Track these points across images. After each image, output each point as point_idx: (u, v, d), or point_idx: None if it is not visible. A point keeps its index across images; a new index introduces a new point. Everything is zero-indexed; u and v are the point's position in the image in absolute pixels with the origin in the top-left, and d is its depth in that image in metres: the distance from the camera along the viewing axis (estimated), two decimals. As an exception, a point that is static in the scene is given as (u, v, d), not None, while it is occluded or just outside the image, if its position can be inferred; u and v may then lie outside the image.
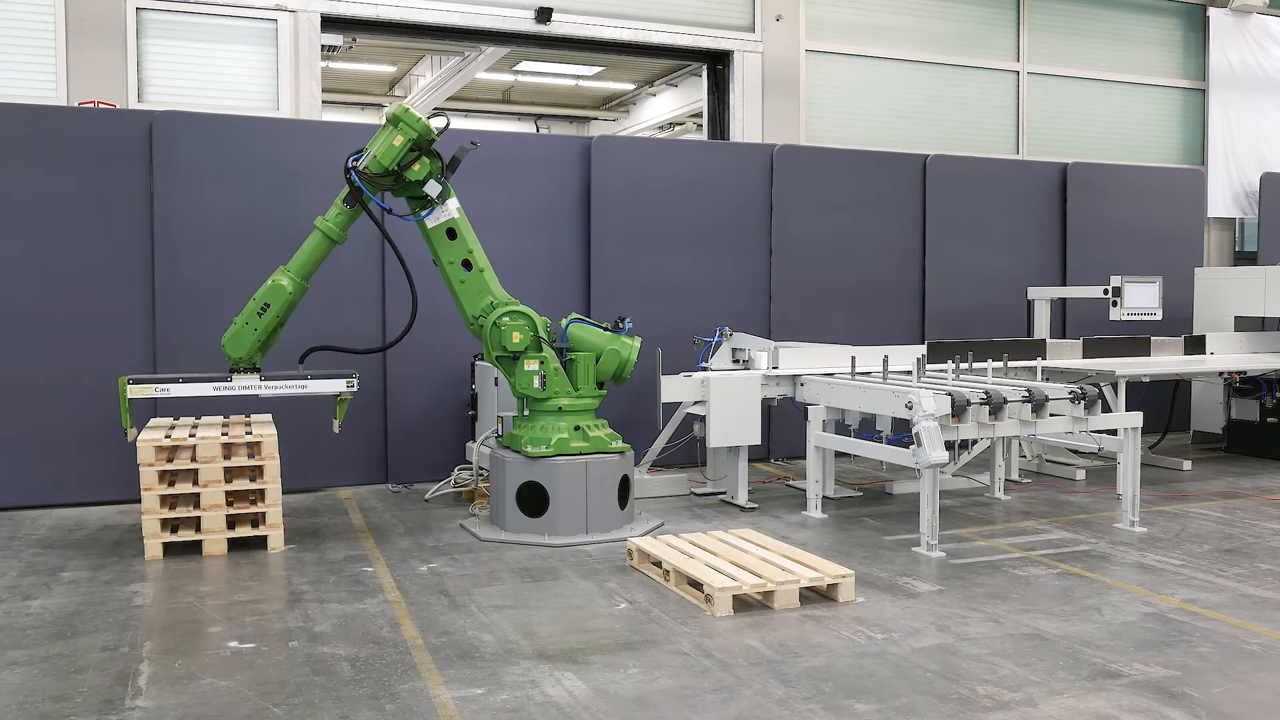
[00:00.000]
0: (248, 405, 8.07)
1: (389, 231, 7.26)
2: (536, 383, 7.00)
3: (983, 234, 11.04)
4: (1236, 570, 6.16)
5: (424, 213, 6.96)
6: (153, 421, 7.26)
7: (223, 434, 6.76)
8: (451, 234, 7.01)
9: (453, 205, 6.99)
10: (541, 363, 7.01)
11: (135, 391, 6.68)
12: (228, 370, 6.88)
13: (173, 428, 7.01)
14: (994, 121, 12.54)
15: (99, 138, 8.09)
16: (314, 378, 7.00)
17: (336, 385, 7.01)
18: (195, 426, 7.07)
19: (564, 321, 7.28)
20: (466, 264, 7.06)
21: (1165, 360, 9.68)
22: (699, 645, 4.88)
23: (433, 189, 6.82)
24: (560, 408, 7.02)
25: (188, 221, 8.31)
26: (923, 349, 8.68)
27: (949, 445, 6.85)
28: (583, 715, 4.11)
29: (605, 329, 7.27)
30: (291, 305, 6.84)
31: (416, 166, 6.76)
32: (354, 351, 7.53)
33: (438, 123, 6.84)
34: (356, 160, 6.76)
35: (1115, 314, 9.81)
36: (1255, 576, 6.03)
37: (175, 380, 6.80)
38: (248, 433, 6.81)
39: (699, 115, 13.04)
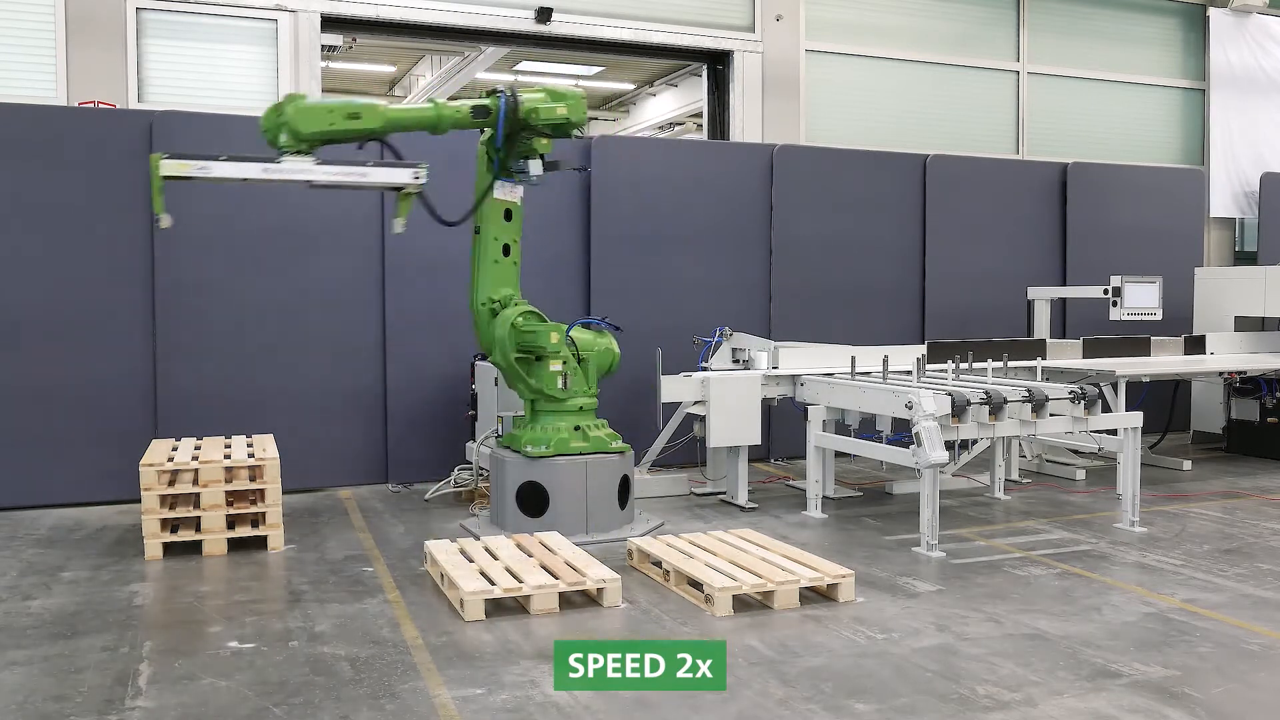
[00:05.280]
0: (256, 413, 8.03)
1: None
2: (560, 382, 7.03)
3: (983, 234, 11.03)
4: (1236, 570, 6.16)
5: (505, 179, 6.98)
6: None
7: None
8: (508, 215, 7.10)
9: (521, 191, 7.10)
10: (564, 362, 7.05)
11: (170, 168, 5.68)
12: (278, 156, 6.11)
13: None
14: (994, 121, 12.53)
15: (99, 138, 8.09)
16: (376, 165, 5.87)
17: (401, 175, 6.05)
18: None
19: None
20: (506, 249, 7.13)
21: (1165, 360, 9.68)
22: (699, 645, 4.88)
23: (535, 168, 6.88)
24: (581, 406, 7.10)
25: (187, 221, 8.27)
26: (923, 349, 8.67)
27: (949, 445, 6.84)
28: (583, 715, 4.11)
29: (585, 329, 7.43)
30: (371, 135, 6.45)
31: (546, 141, 6.87)
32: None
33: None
34: (509, 98, 6.68)
35: (1115, 314, 9.79)
36: (1255, 576, 6.03)
37: (216, 159, 5.86)
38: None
39: (699, 115, 13.02)
